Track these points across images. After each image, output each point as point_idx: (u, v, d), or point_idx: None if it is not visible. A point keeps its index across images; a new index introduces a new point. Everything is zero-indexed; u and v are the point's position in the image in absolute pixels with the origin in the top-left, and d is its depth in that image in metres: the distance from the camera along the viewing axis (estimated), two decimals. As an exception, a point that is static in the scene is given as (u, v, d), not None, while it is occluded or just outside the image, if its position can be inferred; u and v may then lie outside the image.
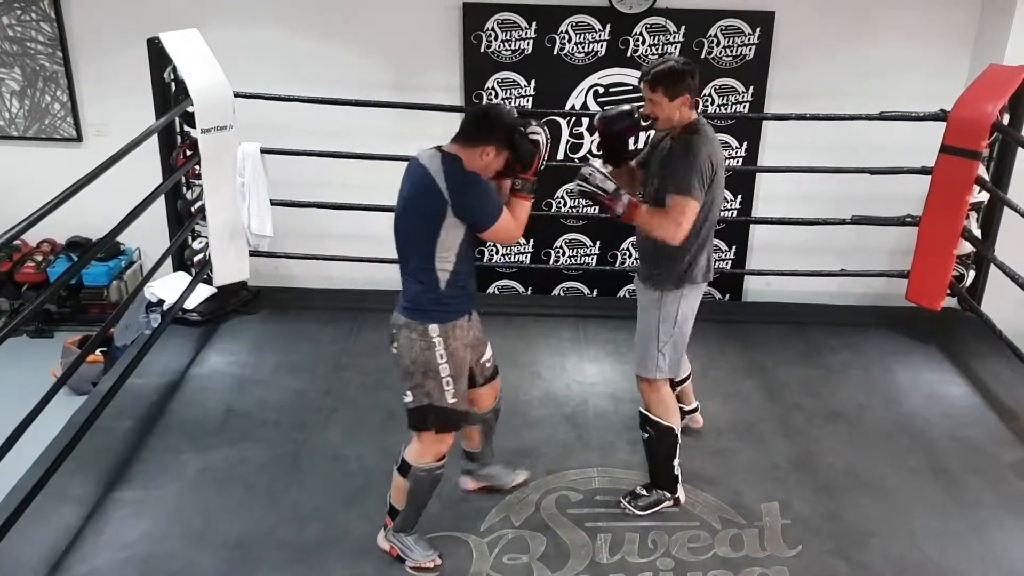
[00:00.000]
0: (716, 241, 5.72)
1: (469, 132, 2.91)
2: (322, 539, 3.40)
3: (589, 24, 5.28)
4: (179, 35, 4.55)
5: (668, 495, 3.57)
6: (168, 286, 4.90)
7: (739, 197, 5.62)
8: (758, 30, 5.29)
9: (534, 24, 5.28)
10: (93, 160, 3.62)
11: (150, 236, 5.32)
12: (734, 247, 5.77)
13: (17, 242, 5.58)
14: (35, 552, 3.26)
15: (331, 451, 3.94)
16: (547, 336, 5.07)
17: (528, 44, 5.33)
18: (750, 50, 5.33)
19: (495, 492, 3.61)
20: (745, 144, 5.52)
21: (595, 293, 5.85)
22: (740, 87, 5.40)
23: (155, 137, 4.44)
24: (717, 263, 5.73)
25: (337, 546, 3.36)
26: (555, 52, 5.34)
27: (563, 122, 5.48)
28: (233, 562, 3.25)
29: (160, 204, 4.63)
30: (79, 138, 5.65)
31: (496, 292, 5.74)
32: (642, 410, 3.52)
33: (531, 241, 5.71)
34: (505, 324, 5.08)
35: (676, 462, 3.55)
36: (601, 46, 5.33)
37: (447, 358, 2.99)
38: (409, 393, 3.05)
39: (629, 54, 5.34)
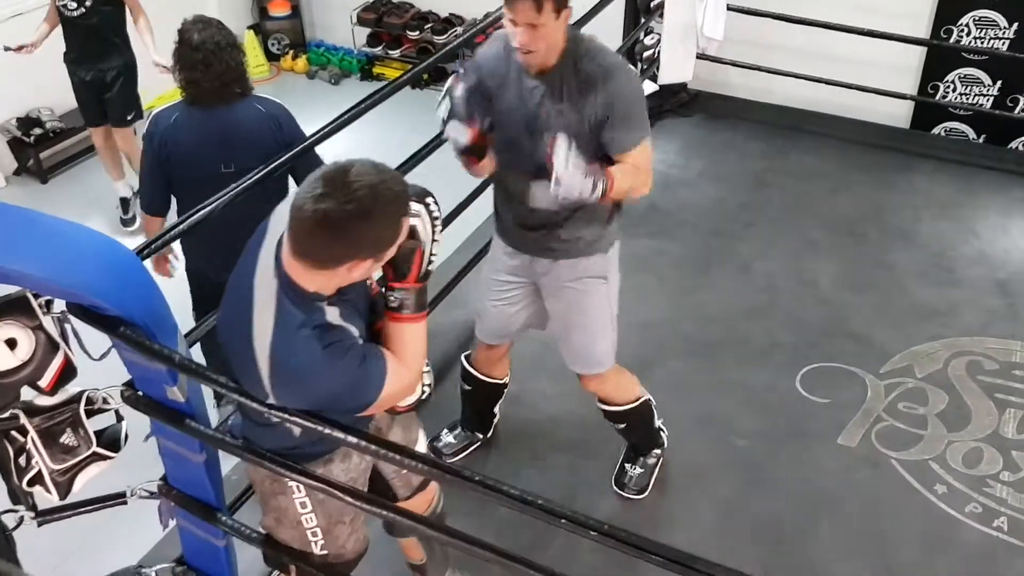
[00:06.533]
0: None
1: (322, 244, 1.61)
2: (720, 341, 3.64)
3: None
4: None
5: (657, 452, 3.06)
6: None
7: None
8: None
9: None
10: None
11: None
12: None
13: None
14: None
15: (741, 262, 4.10)
16: (994, 192, 4.62)
17: None
18: None
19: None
20: None
21: (1065, 155, 5.13)
22: None
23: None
24: None
25: (733, 350, 3.59)
26: None
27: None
28: (639, 343, 3.51)
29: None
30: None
31: (942, 134, 5.27)
32: (604, 407, 2.85)
33: (998, 83, 5.08)
34: (944, 171, 4.76)
35: (658, 421, 3.00)
36: None
37: (313, 506, 2.09)
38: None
39: None
